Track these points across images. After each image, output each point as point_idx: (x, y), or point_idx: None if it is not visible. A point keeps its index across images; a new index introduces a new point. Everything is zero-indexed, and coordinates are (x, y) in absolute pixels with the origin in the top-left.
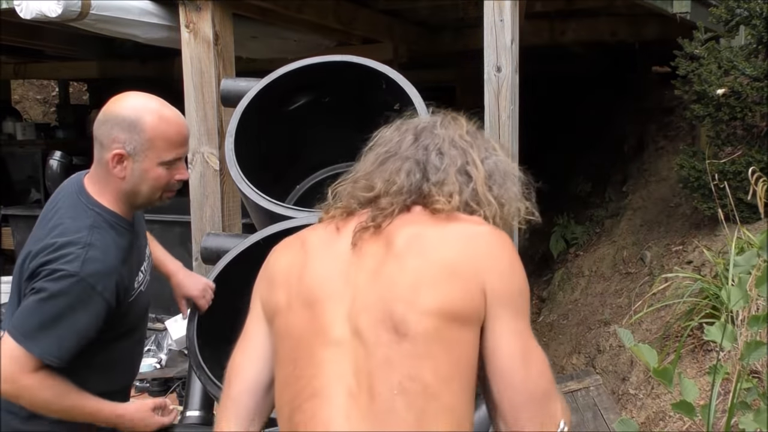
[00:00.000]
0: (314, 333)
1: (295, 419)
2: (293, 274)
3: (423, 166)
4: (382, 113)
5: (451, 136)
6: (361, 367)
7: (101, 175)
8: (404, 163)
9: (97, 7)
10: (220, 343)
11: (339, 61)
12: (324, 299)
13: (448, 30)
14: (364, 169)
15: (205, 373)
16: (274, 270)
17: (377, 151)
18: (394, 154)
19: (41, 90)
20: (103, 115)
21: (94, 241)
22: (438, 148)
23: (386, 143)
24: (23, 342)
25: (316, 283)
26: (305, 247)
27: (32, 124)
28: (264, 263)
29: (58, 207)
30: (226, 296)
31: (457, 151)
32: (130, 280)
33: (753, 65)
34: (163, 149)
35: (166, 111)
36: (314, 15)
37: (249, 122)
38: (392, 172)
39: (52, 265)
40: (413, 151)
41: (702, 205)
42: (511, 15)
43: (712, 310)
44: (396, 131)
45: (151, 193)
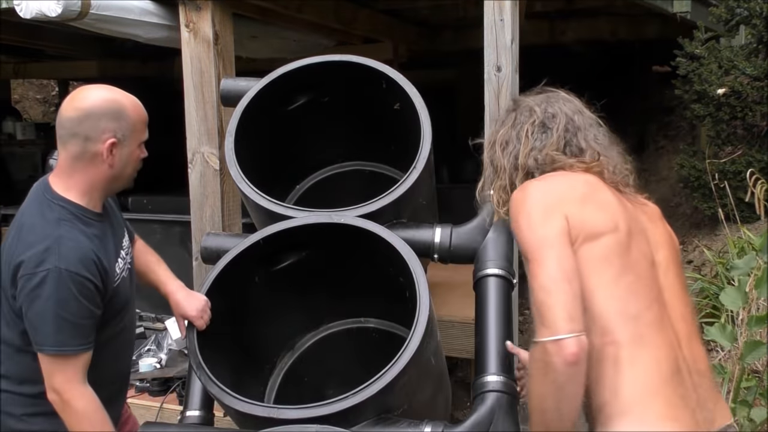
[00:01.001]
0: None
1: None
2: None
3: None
4: (381, 113)
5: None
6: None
7: (75, 169)
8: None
9: (97, 7)
10: (220, 342)
11: (338, 60)
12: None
13: (448, 30)
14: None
15: (206, 372)
16: None
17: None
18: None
19: (41, 89)
20: (81, 111)
21: (62, 233)
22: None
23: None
24: (50, 350)
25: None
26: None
27: (32, 124)
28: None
29: (27, 206)
30: (225, 296)
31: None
32: (109, 263)
33: (753, 65)
34: (141, 131)
35: (131, 96)
36: (314, 15)
37: (249, 122)
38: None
39: (32, 271)
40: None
41: (702, 205)
42: (511, 14)
43: (712, 309)
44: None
45: (131, 173)
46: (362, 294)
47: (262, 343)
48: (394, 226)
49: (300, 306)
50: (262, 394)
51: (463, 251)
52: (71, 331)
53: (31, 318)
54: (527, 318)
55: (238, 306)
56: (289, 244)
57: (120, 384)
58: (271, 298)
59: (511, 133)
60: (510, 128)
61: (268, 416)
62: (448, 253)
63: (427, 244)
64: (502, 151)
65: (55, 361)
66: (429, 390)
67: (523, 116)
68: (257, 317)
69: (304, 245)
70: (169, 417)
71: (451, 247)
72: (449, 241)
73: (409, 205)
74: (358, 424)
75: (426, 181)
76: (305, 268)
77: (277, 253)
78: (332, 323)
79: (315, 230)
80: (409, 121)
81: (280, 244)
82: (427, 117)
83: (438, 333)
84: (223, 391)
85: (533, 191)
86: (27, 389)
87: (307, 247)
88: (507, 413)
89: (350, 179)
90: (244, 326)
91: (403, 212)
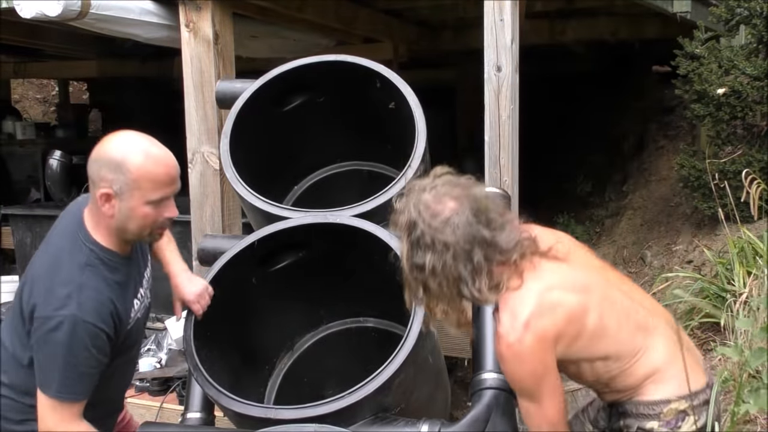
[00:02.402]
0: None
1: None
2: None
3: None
4: (377, 112)
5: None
6: None
7: (95, 212)
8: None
9: (97, 7)
10: (218, 344)
11: (333, 60)
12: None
13: (448, 29)
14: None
15: (202, 374)
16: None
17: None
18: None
19: (41, 89)
20: (95, 154)
21: (85, 281)
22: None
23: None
24: (49, 393)
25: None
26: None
27: (32, 124)
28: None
29: (60, 236)
30: (222, 297)
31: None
32: (125, 311)
33: (753, 64)
34: (149, 189)
35: (154, 151)
36: (314, 14)
37: (245, 123)
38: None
39: (50, 314)
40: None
41: (702, 205)
42: (511, 14)
43: (712, 309)
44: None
45: (139, 230)
46: (360, 294)
47: (261, 343)
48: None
49: (298, 306)
50: (261, 394)
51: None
52: (76, 379)
53: (40, 359)
54: None
55: (236, 307)
56: (286, 244)
57: (118, 403)
58: (269, 299)
59: (436, 263)
60: (432, 258)
61: (265, 417)
62: None
63: None
64: (433, 278)
65: (53, 404)
66: (426, 389)
67: (438, 247)
68: (255, 318)
69: (301, 246)
70: (169, 417)
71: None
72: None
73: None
74: (355, 424)
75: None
76: (303, 268)
77: (274, 254)
78: (331, 323)
79: (311, 230)
80: (405, 120)
81: (276, 245)
82: (422, 115)
83: (435, 332)
84: (220, 393)
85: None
86: (28, 400)
87: (304, 247)
88: (504, 410)
89: (348, 179)
90: (242, 327)
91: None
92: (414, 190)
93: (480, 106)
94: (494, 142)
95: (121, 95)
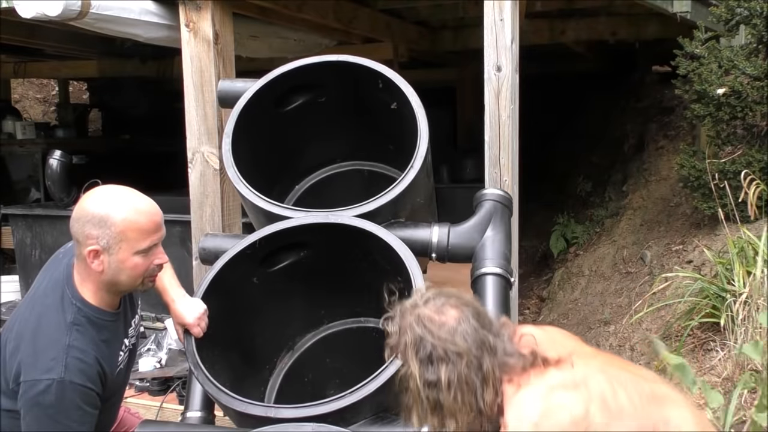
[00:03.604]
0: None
1: None
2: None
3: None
4: (379, 112)
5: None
6: None
7: (81, 269)
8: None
9: (97, 7)
10: (219, 343)
11: (335, 61)
12: None
13: (448, 29)
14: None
15: (203, 372)
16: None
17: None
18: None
19: (41, 89)
20: (76, 213)
21: (72, 342)
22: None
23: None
24: None
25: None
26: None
27: (32, 123)
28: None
29: (47, 293)
30: (224, 297)
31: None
32: (111, 366)
33: (753, 64)
34: (135, 240)
35: (136, 201)
36: (314, 14)
37: (247, 123)
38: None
39: (38, 377)
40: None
41: (702, 205)
42: (512, 14)
43: (712, 309)
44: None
45: (131, 281)
46: (361, 293)
47: (262, 343)
48: (391, 226)
49: (299, 306)
50: (262, 394)
51: (461, 250)
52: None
53: (29, 422)
54: (527, 318)
55: (237, 307)
56: (287, 244)
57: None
58: (270, 299)
59: (452, 375)
60: (447, 371)
61: (265, 415)
62: (446, 252)
63: (425, 243)
64: (449, 392)
65: None
66: None
67: (453, 358)
68: (256, 318)
69: (302, 245)
70: (169, 416)
71: (449, 246)
72: (447, 240)
73: (407, 204)
74: (355, 423)
75: (423, 181)
76: (304, 268)
77: (275, 253)
78: (332, 323)
79: (312, 230)
80: (407, 120)
81: (277, 245)
82: (424, 116)
83: None
84: (220, 391)
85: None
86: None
87: (305, 247)
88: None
89: (349, 179)
90: (243, 327)
91: (400, 212)
92: (407, 309)
93: (480, 106)
94: (494, 142)
95: (121, 95)
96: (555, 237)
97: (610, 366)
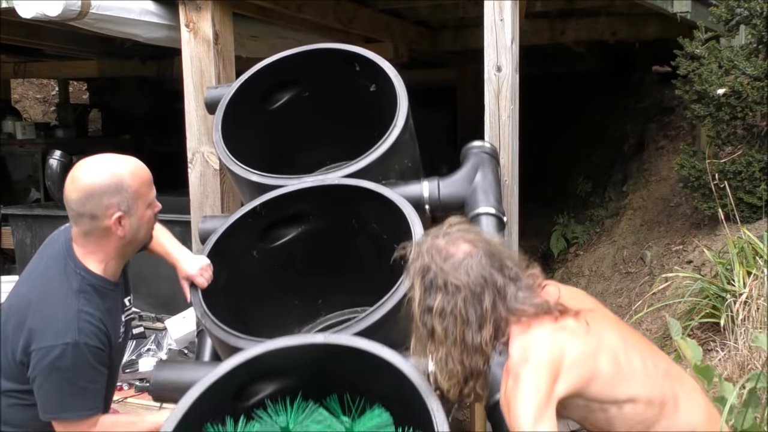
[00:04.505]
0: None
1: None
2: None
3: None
4: (363, 102)
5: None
6: None
7: (89, 242)
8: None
9: (97, 7)
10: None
11: (310, 50)
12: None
13: (448, 29)
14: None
15: (210, 318)
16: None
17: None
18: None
19: (41, 89)
20: (82, 192)
21: (82, 307)
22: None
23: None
24: (69, 416)
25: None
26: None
27: (32, 124)
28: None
29: (48, 266)
30: (225, 269)
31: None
32: (114, 335)
33: (753, 65)
34: (146, 193)
35: (128, 161)
36: (314, 14)
37: (235, 127)
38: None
39: (51, 343)
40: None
41: (702, 205)
42: (512, 14)
43: (712, 309)
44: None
45: (146, 234)
46: (358, 284)
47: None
48: (382, 185)
49: (297, 297)
50: None
51: (453, 199)
52: (91, 396)
53: (48, 388)
54: None
55: (238, 286)
56: (287, 217)
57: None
58: (269, 281)
59: (446, 305)
60: (442, 300)
61: None
62: (439, 203)
63: (417, 197)
64: (440, 322)
65: (75, 425)
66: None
67: (450, 289)
68: (255, 302)
69: (301, 219)
70: None
71: (441, 197)
72: (438, 191)
73: (395, 164)
74: None
75: (409, 143)
76: (303, 246)
77: (275, 227)
78: (330, 314)
79: (310, 194)
80: (389, 102)
81: (277, 215)
82: (401, 82)
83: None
84: (228, 333)
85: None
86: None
87: (304, 221)
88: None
89: None
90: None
91: (390, 172)
92: (427, 237)
93: (480, 107)
94: (494, 142)
95: (121, 95)
96: (555, 237)
97: (631, 334)
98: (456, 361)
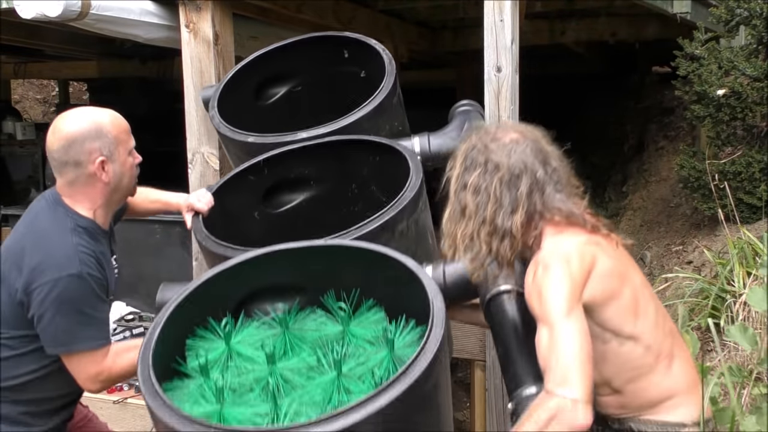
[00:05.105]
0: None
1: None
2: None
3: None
4: (356, 94)
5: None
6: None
7: (75, 191)
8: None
9: (97, 7)
10: None
11: (296, 41)
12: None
13: (448, 30)
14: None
15: (210, 238)
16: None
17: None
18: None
19: (41, 90)
20: (65, 139)
21: (79, 241)
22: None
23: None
24: (78, 347)
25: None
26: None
27: (32, 124)
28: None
29: (38, 215)
30: (227, 226)
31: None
32: (110, 278)
33: (753, 65)
34: (126, 140)
35: (107, 110)
36: (313, 15)
37: (232, 117)
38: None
39: (56, 276)
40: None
41: (702, 205)
42: (511, 15)
43: (711, 310)
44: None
45: (130, 183)
46: None
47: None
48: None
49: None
50: None
51: (445, 150)
52: (99, 325)
53: (59, 321)
54: None
55: (238, 242)
56: (287, 180)
57: (78, 393)
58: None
59: (482, 181)
60: (479, 176)
61: None
62: (430, 155)
63: (409, 152)
64: (473, 197)
65: (89, 356)
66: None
67: (489, 167)
68: None
69: (301, 184)
70: None
71: (431, 150)
72: (428, 145)
73: (385, 125)
74: None
75: (398, 109)
76: (303, 213)
77: (276, 192)
78: None
79: (310, 151)
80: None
81: (279, 176)
82: (389, 56)
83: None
84: (227, 248)
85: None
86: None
87: (304, 186)
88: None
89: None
90: None
91: (380, 132)
92: (480, 126)
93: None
94: None
95: (121, 96)
96: None
97: (650, 287)
98: (483, 241)
